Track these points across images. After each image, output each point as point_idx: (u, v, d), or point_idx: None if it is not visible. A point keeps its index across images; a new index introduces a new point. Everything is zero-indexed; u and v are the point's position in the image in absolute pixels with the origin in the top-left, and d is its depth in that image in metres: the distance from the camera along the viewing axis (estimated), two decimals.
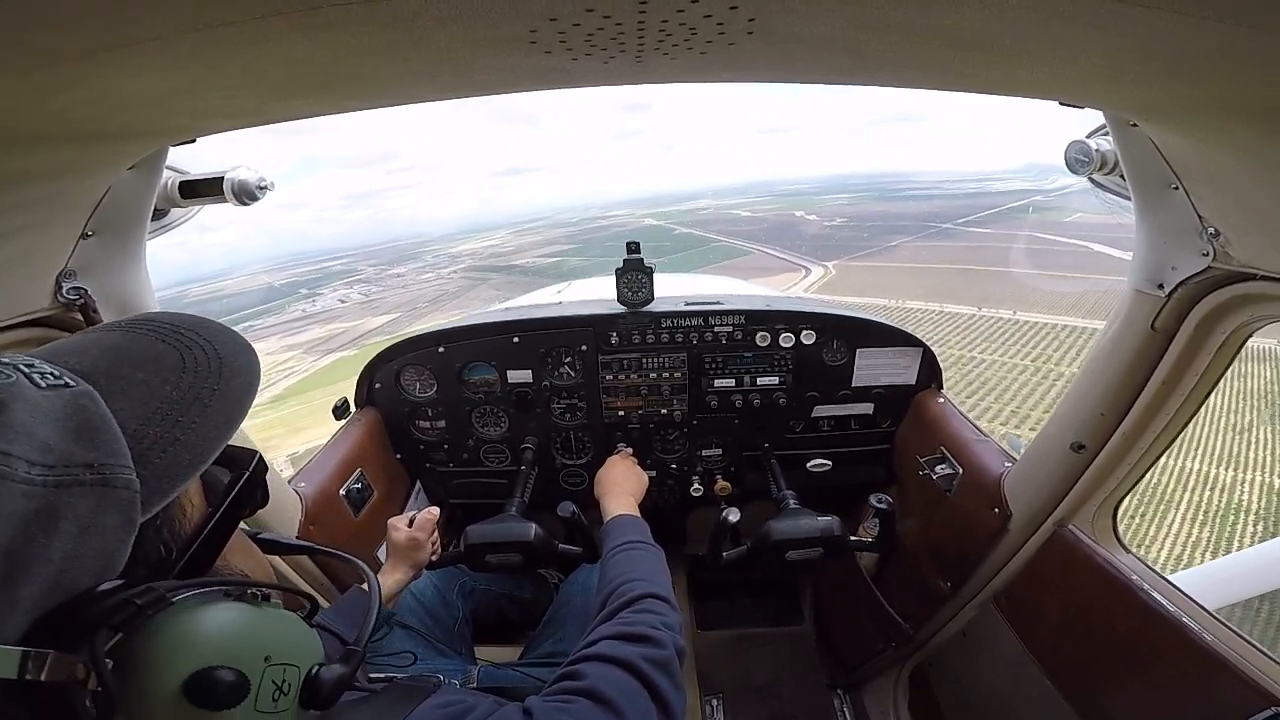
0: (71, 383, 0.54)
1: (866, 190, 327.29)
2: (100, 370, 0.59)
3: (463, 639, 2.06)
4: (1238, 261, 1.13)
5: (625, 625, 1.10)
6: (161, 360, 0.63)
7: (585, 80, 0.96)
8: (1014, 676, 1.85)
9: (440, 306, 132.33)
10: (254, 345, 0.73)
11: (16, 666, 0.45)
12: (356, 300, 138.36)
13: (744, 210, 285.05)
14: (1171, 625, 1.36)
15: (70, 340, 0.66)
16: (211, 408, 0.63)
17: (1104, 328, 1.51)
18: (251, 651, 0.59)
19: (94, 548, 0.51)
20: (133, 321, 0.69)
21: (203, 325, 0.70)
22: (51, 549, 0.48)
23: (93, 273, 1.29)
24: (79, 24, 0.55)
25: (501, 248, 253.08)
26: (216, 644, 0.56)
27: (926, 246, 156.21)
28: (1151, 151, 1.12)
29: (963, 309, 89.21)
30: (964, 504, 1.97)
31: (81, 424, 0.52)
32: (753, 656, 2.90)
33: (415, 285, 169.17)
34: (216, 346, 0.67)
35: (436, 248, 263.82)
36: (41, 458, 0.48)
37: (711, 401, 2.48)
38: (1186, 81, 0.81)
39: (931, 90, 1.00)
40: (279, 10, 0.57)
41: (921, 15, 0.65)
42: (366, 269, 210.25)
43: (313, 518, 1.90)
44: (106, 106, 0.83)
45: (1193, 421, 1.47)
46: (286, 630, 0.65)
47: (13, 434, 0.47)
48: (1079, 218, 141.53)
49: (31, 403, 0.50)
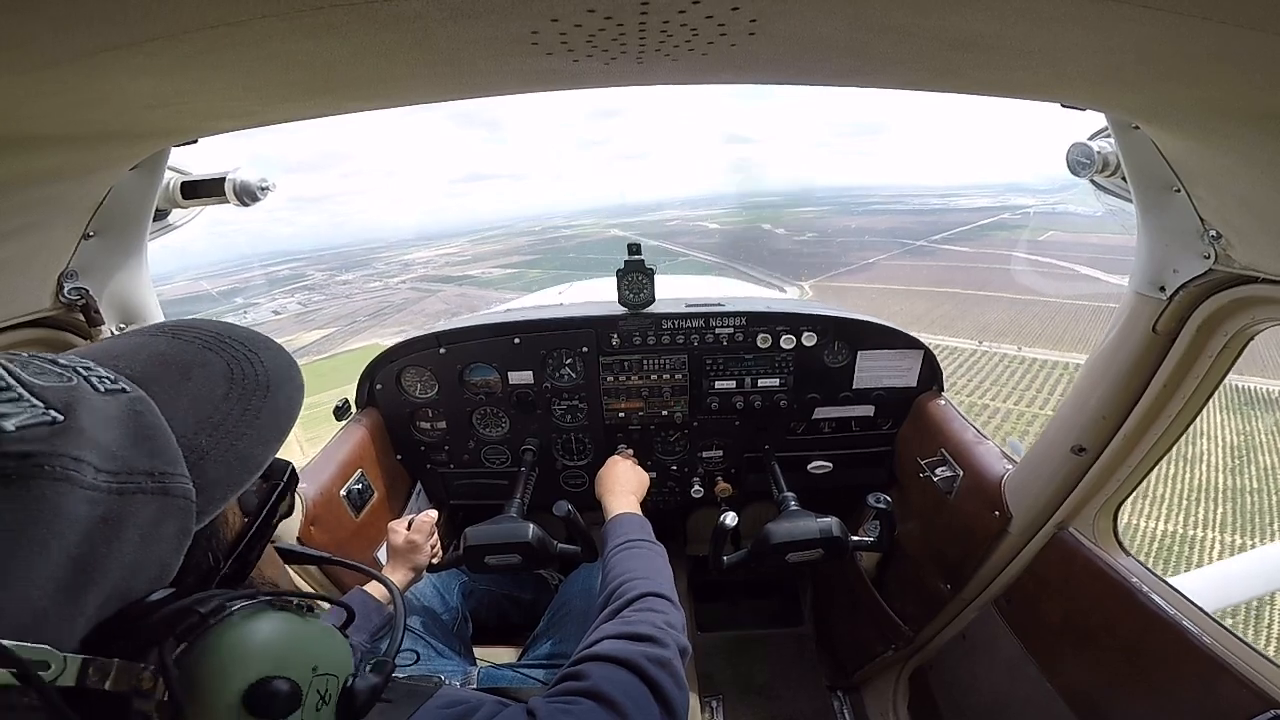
0: (127, 388, 0.54)
1: (831, 203, 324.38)
2: (151, 376, 0.58)
3: (462, 640, 2.06)
4: (1239, 264, 1.13)
5: (628, 624, 1.10)
6: (210, 369, 0.63)
7: (587, 82, 0.96)
8: (1014, 679, 1.85)
9: (381, 320, 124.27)
10: None
11: (77, 674, 0.45)
12: (294, 311, 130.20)
13: (711, 222, 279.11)
14: (1171, 628, 1.35)
15: (118, 342, 0.66)
16: (261, 419, 0.62)
17: (1105, 330, 1.51)
18: (303, 662, 0.59)
19: (153, 556, 0.51)
20: (178, 328, 0.69)
21: (250, 337, 0.70)
22: (116, 556, 0.47)
23: (94, 273, 1.29)
24: (81, 25, 0.55)
25: (458, 257, 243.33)
26: (273, 654, 0.56)
27: (904, 265, 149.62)
28: (1153, 154, 1.12)
29: (962, 342, 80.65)
30: (964, 506, 1.97)
31: (140, 430, 0.51)
32: (753, 658, 2.90)
33: (360, 295, 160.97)
34: (263, 359, 0.67)
35: (390, 254, 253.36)
36: (107, 464, 0.47)
37: (712, 403, 2.48)
38: (1187, 84, 0.81)
39: (933, 92, 1.00)
40: (281, 11, 0.57)
41: (923, 17, 0.65)
42: (315, 274, 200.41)
43: (313, 518, 1.90)
44: (109, 108, 0.83)
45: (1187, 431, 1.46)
46: (329, 640, 0.65)
47: (81, 439, 0.47)
48: (1051, 236, 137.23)
49: (94, 407, 0.49)
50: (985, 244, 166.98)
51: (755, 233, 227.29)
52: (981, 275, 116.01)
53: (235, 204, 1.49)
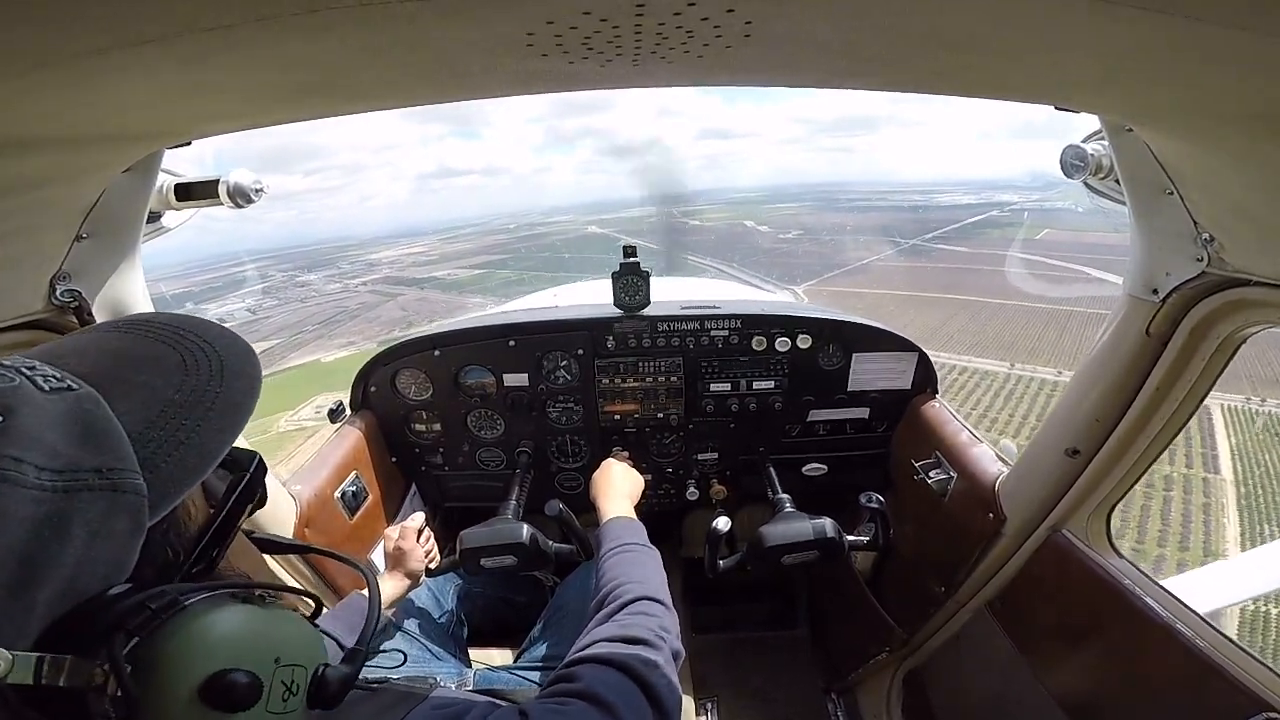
0: (74, 385, 0.53)
1: (812, 199, 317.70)
2: (101, 373, 0.58)
3: (457, 642, 2.05)
4: (1232, 267, 1.14)
5: (621, 627, 1.10)
6: (162, 362, 0.63)
7: (582, 83, 0.96)
8: (1007, 680, 1.85)
9: (331, 329, 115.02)
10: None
11: (33, 672, 0.45)
12: (242, 319, 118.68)
13: (692, 219, 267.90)
14: (1164, 630, 1.36)
15: (67, 341, 0.66)
16: (215, 410, 0.62)
17: (1099, 333, 1.52)
18: (263, 653, 0.59)
19: (104, 552, 0.51)
20: (130, 323, 0.69)
21: (202, 326, 0.69)
22: (64, 554, 0.48)
23: (87, 275, 1.28)
24: (74, 27, 0.55)
25: (426, 256, 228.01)
26: (230, 647, 0.57)
27: (900, 267, 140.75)
28: (1146, 156, 1.12)
29: (992, 365, 66.67)
30: (958, 508, 1.97)
31: (87, 428, 0.51)
32: (748, 660, 2.90)
33: (314, 300, 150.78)
34: (217, 348, 0.67)
35: (356, 254, 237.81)
36: (50, 463, 0.47)
37: (707, 405, 2.48)
38: (1181, 86, 0.81)
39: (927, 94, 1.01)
40: (275, 13, 0.57)
41: (918, 19, 0.66)
42: (277, 275, 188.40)
43: (307, 519, 1.89)
44: (102, 109, 0.83)
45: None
46: (294, 631, 0.65)
47: (22, 439, 0.47)
48: (1048, 234, 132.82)
49: (37, 406, 0.49)
50: (981, 243, 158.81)
51: (738, 230, 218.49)
52: (988, 279, 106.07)
53: (229, 206, 1.48)
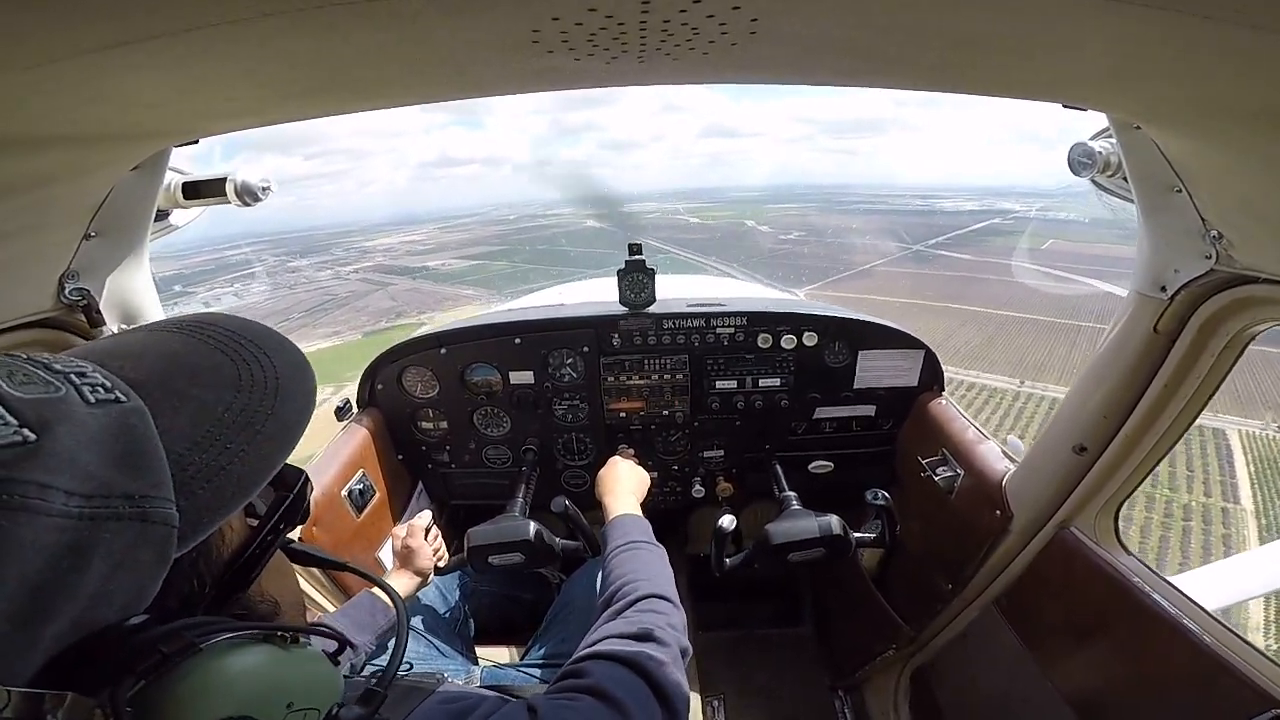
0: (122, 397, 0.51)
1: (813, 200, 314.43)
2: (155, 381, 0.56)
3: (464, 639, 2.06)
4: (1240, 264, 1.13)
5: (630, 624, 1.10)
6: (219, 373, 0.60)
7: (588, 81, 0.96)
8: (1015, 678, 1.85)
9: (315, 319, 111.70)
10: None
11: (26, 709, 0.41)
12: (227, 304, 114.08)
13: (692, 217, 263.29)
14: (1172, 627, 1.35)
15: (129, 338, 0.63)
16: (264, 433, 0.59)
17: (1107, 330, 1.51)
18: (274, 699, 0.56)
19: (124, 584, 0.48)
20: (195, 324, 0.65)
21: (264, 336, 0.66)
22: (81, 586, 0.45)
23: (95, 274, 1.29)
24: (82, 22, 0.55)
25: (422, 244, 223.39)
26: (240, 692, 0.54)
27: (906, 273, 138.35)
28: (1154, 154, 1.12)
29: (1001, 381, 65.65)
30: (965, 505, 1.97)
31: (127, 448, 0.49)
32: (754, 658, 2.90)
33: (303, 286, 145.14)
34: (275, 363, 0.63)
35: (351, 240, 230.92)
36: (81, 487, 0.44)
37: (713, 403, 2.48)
38: (1190, 84, 0.81)
39: (934, 91, 1.00)
40: (282, 10, 0.57)
41: (925, 16, 0.65)
42: (269, 259, 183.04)
43: (314, 518, 1.90)
44: (110, 107, 0.83)
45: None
46: (311, 672, 0.62)
47: (54, 461, 0.44)
48: (1053, 244, 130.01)
49: (78, 423, 0.47)
50: (984, 251, 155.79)
51: (739, 229, 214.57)
52: (994, 289, 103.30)
53: (237, 204, 1.49)
